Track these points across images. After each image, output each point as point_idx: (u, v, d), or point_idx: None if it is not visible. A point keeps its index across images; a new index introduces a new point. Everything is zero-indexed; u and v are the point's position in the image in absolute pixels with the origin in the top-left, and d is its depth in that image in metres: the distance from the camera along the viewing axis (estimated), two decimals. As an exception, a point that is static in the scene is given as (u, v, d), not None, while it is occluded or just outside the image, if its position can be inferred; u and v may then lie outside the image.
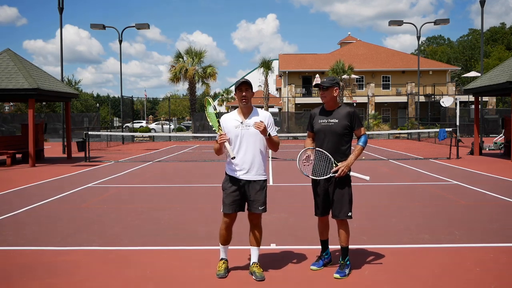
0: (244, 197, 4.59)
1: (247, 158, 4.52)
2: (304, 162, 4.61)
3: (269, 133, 4.49)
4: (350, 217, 4.60)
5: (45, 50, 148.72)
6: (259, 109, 4.69)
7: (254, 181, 4.56)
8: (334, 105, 4.67)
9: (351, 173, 4.56)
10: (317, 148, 4.60)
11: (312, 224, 4.95)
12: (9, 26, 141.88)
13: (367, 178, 4.59)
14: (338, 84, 4.68)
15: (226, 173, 4.68)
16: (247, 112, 4.57)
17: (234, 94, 4.62)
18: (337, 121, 4.59)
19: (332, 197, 4.62)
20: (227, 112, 4.84)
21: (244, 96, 4.48)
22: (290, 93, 42.36)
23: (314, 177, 4.59)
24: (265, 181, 4.63)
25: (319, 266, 4.82)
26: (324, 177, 4.52)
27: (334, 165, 4.51)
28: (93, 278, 4.67)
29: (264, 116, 4.58)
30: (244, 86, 4.48)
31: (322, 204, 4.68)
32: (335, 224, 4.75)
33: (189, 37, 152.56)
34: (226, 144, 4.44)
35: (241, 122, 4.53)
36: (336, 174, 4.48)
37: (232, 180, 4.58)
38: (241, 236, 5.60)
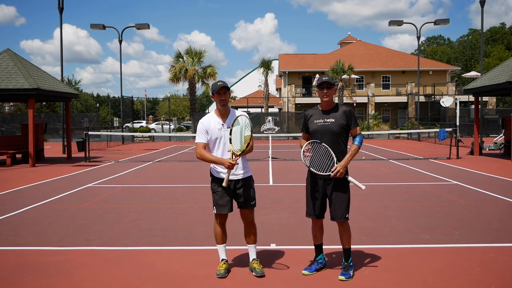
0: (234, 196, 4.71)
1: None
2: (306, 153, 4.50)
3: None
4: (348, 218, 4.58)
5: (43, 50, 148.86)
6: (236, 111, 4.80)
7: (243, 179, 4.69)
8: (331, 104, 4.63)
9: (349, 179, 4.49)
10: (323, 144, 4.48)
11: (312, 224, 4.92)
12: (7, 26, 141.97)
13: (363, 187, 4.48)
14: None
15: (212, 175, 4.76)
16: (225, 114, 4.71)
17: (211, 97, 4.70)
18: (333, 120, 4.53)
19: (331, 199, 4.56)
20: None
21: (223, 100, 4.63)
22: (290, 93, 42.36)
23: (314, 171, 4.45)
24: (251, 176, 4.79)
25: (311, 271, 4.70)
26: (324, 174, 4.44)
27: (335, 164, 4.43)
28: (92, 278, 4.67)
29: (241, 117, 4.70)
30: (223, 90, 4.61)
31: (319, 206, 4.61)
32: (332, 226, 4.74)
33: (187, 37, 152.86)
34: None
35: (222, 124, 4.66)
36: (332, 174, 4.41)
37: (221, 181, 4.62)
38: (241, 236, 5.59)
